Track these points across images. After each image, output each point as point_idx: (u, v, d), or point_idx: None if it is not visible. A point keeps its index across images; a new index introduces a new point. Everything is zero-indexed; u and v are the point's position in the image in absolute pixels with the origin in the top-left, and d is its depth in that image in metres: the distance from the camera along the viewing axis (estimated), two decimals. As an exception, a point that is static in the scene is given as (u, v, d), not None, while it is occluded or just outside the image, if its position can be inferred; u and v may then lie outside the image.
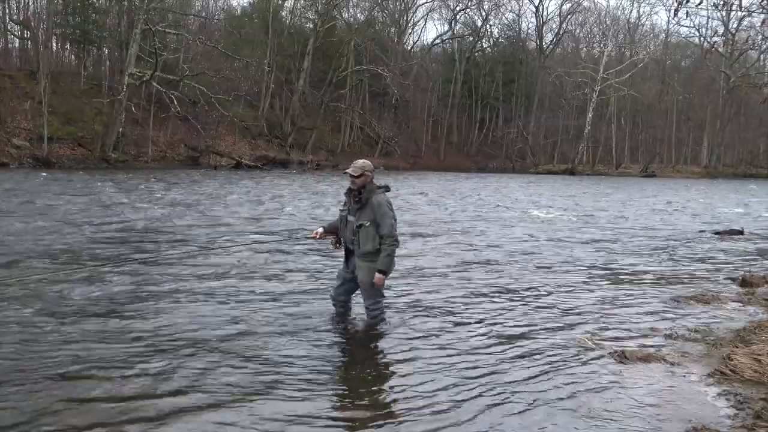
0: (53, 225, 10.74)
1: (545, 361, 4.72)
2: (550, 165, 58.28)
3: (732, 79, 50.35)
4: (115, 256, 8.32)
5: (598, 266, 8.92)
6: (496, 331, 5.45)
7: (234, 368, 4.33)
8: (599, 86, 55.86)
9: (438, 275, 7.76)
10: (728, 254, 10.59)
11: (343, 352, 4.88)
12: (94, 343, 4.68)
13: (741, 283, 7.87)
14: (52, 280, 6.47)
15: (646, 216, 17.21)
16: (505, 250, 10.17)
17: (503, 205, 19.31)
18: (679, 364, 4.73)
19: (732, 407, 3.95)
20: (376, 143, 52.17)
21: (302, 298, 6.27)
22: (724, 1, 8.81)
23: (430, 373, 4.37)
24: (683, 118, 61.69)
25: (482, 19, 63.17)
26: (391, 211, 5.13)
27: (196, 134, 38.56)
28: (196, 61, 39.47)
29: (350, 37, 50.18)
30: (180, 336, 4.94)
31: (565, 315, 6.07)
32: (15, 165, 29.28)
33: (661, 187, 34.63)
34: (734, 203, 23.62)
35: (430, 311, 6.00)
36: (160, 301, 6.00)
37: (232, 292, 6.43)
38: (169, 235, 10.28)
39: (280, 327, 5.31)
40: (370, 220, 5.08)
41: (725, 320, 6.05)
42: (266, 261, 8.16)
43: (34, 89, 33.23)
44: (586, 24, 65.91)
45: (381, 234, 5.07)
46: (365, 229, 5.09)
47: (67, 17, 39.40)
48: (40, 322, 5.14)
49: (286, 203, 17.20)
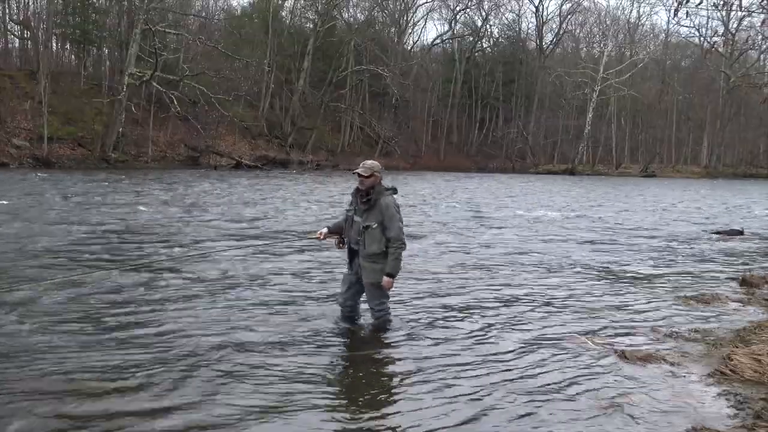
0: (33, 227, 10.62)
1: (545, 361, 4.72)
2: (550, 165, 58.28)
3: (732, 79, 50.37)
4: (108, 259, 8.31)
5: (598, 266, 8.91)
6: (495, 331, 5.45)
7: (238, 379, 4.21)
8: (599, 86, 55.86)
9: (438, 276, 7.76)
10: (728, 254, 10.59)
11: (348, 358, 4.83)
12: (83, 353, 4.45)
13: (741, 283, 7.87)
14: (36, 289, 6.10)
15: (645, 216, 17.21)
16: (504, 250, 10.17)
17: (502, 205, 19.31)
18: (679, 364, 4.72)
19: (732, 407, 3.94)
20: (376, 143, 52.17)
21: (306, 302, 6.22)
22: (724, 1, 8.82)
23: (433, 376, 4.36)
24: (683, 118, 61.70)
25: (482, 19, 63.28)
26: (398, 213, 5.11)
27: (196, 134, 38.56)
28: (196, 61, 39.46)
29: (350, 37, 50.18)
30: (179, 343, 4.83)
31: (564, 315, 6.06)
32: (15, 165, 29.28)
33: (661, 187, 34.63)
34: (734, 203, 23.62)
35: (431, 312, 6.00)
36: (155, 305, 5.93)
37: (231, 296, 6.34)
38: (161, 237, 10.24)
39: (282, 331, 5.28)
40: (378, 222, 5.05)
41: (725, 320, 6.05)
42: (266, 264, 8.06)
43: (34, 89, 33.23)
44: (586, 24, 66.01)
45: (388, 237, 5.04)
46: (372, 230, 5.06)
47: (67, 17, 39.41)
48: (24, 330, 4.91)
49: (286, 204, 17.19)
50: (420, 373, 4.39)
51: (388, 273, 5.08)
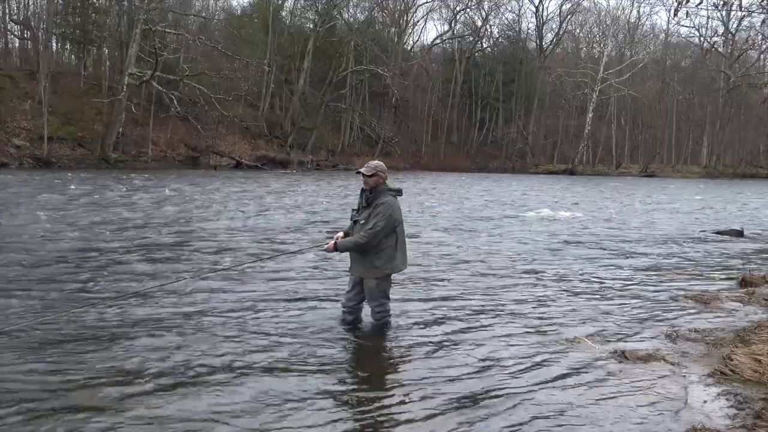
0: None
1: (545, 361, 4.72)
2: (550, 165, 58.29)
3: (732, 79, 50.35)
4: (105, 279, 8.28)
5: (598, 266, 8.91)
6: (495, 331, 5.45)
7: (236, 379, 4.24)
8: (599, 86, 55.86)
9: (437, 276, 7.76)
10: (728, 254, 10.59)
11: (347, 358, 4.83)
12: (72, 377, 4.06)
13: (741, 283, 7.87)
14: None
15: (645, 216, 17.21)
16: (504, 250, 10.16)
17: (502, 206, 19.31)
18: (679, 364, 4.73)
19: (732, 407, 3.95)
20: (376, 143, 52.15)
21: (309, 302, 6.22)
22: (724, 1, 8.83)
23: (433, 377, 4.37)
24: (683, 118, 61.71)
25: (482, 19, 63.23)
26: (388, 212, 5.02)
27: (196, 134, 38.58)
28: (196, 61, 39.45)
29: (350, 37, 50.16)
30: (176, 358, 4.83)
31: (564, 315, 6.06)
32: (15, 165, 29.29)
33: (661, 187, 34.63)
34: (734, 203, 23.62)
35: (431, 312, 6.00)
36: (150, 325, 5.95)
37: (231, 295, 6.38)
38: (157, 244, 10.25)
39: (282, 331, 5.29)
40: (366, 219, 5.09)
41: (725, 320, 6.05)
42: (266, 268, 7.87)
43: (34, 89, 33.24)
44: (586, 24, 66.03)
45: (364, 228, 5.05)
46: (359, 225, 5.12)
47: (67, 17, 39.41)
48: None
49: (289, 205, 17.19)
50: (420, 373, 4.39)
51: (338, 244, 5.12)
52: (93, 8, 40.47)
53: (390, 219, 5.04)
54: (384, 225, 5.01)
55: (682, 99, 60.69)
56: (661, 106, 60.93)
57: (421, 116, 58.02)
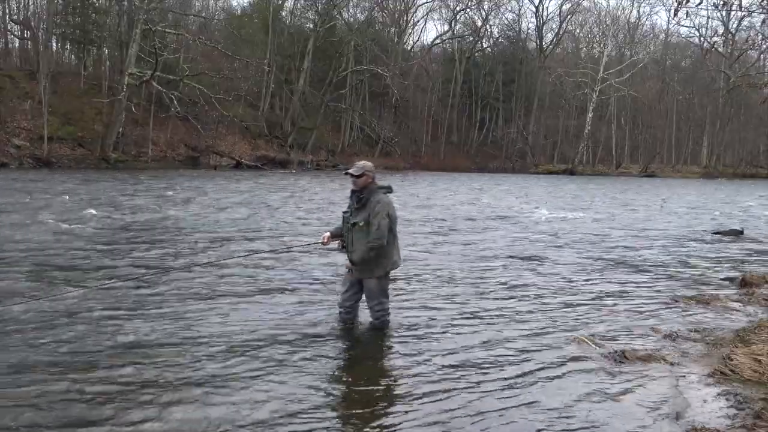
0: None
1: (545, 361, 4.72)
2: (550, 165, 58.30)
3: (732, 79, 50.35)
4: (102, 271, 8.30)
5: (598, 266, 8.91)
6: (495, 331, 5.45)
7: (234, 378, 4.24)
8: (599, 86, 55.88)
9: (437, 276, 7.76)
10: (728, 254, 10.59)
11: (346, 359, 4.83)
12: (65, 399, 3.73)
13: (741, 283, 7.86)
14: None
15: (645, 216, 17.21)
16: (503, 250, 10.17)
17: (502, 205, 19.31)
18: (679, 364, 4.73)
19: (732, 407, 3.95)
20: (376, 143, 52.15)
21: (305, 302, 6.21)
22: (724, 1, 8.82)
23: (432, 377, 4.37)
24: (683, 118, 61.71)
25: (482, 19, 63.24)
26: (386, 210, 5.08)
27: (196, 134, 38.56)
28: (196, 61, 39.44)
29: (350, 37, 50.16)
30: (178, 343, 4.86)
31: (564, 315, 6.07)
32: (15, 165, 29.28)
33: (661, 187, 34.63)
34: (734, 203, 23.62)
35: (431, 312, 6.00)
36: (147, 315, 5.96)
37: (231, 297, 6.37)
38: (157, 244, 10.26)
39: (280, 331, 5.28)
40: (365, 220, 5.09)
41: (725, 320, 6.05)
42: (262, 269, 7.82)
43: (34, 89, 33.22)
44: (586, 24, 66.08)
45: (371, 231, 5.06)
46: (358, 227, 5.12)
47: (67, 17, 39.39)
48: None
49: (287, 207, 17.19)
50: (419, 373, 4.39)
51: (352, 259, 5.13)
52: (93, 8, 40.45)
53: (393, 213, 5.16)
54: (387, 222, 5.10)
55: (682, 99, 60.70)
56: (661, 106, 60.95)
57: (421, 116, 58.03)
